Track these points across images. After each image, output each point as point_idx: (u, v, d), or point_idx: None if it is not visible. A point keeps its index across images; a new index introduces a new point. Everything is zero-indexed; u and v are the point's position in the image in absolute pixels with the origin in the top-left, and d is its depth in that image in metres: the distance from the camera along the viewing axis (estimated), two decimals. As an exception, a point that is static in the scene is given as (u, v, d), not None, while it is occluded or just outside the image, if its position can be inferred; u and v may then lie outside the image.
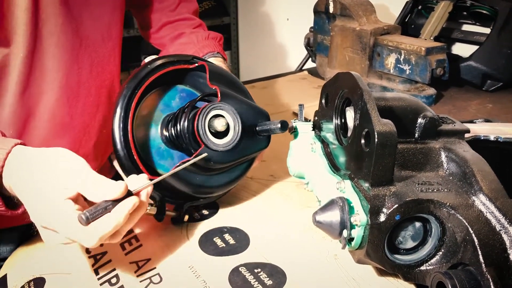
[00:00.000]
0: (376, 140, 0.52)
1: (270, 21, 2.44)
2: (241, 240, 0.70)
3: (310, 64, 1.68)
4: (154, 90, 0.75)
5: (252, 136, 0.72)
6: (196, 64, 0.74)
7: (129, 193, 0.56)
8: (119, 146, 0.67)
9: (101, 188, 0.55)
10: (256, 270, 0.64)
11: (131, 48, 1.34)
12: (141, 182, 0.57)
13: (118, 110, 0.68)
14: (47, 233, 0.57)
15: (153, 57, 0.74)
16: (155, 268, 0.66)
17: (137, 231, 0.74)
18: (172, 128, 0.73)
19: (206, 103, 0.72)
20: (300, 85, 1.45)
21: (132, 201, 0.55)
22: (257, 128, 0.72)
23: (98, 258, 0.69)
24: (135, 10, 1.01)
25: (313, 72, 1.55)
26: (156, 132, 0.75)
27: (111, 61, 0.84)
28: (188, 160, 0.65)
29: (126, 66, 0.84)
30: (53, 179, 0.56)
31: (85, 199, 0.57)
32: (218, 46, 0.95)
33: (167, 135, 0.74)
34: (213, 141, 0.69)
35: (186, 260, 0.67)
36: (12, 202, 0.62)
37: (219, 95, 0.70)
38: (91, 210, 0.53)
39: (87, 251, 0.70)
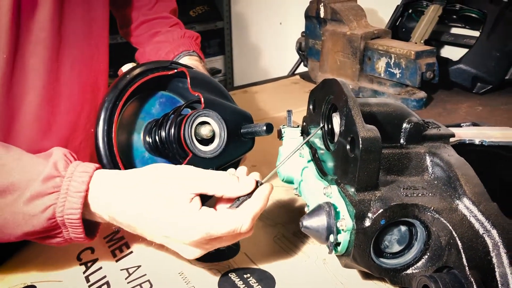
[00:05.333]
0: (360, 145, 0.53)
1: (263, 25, 2.46)
2: (230, 246, 0.70)
3: (302, 69, 1.69)
4: (134, 98, 0.75)
5: (236, 140, 0.73)
6: (176, 70, 0.75)
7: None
8: (105, 160, 0.67)
9: (236, 184, 0.59)
10: (245, 276, 0.65)
11: (126, 52, 1.35)
12: (253, 174, 0.62)
13: (101, 123, 0.68)
14: (181, 247, 0.58)
15: (130, 65, 0.74)
16: (145, 275, 0.66)
17: (128, 238, 0.74)
18: (156, 135, 0.73)
19: (188, 109, 0.72)
20: (292, 89, 1.46)
21: (269, 186, 0.60)
22: (241, 131, 0.73)
23: (89, 265, 0.69)
24: (114, 9, 1.01)
25: (305, 76, 1.56)
26: (138, 140, 0.75)
27: (95, 59, 0.84)
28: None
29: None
30: (175, 187, 0.57)
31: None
32: (194, 44, 0.95)
33: (150, 142, 0.74)
34: (200, 148, 0.69)
35: (176, 267, 0.67)
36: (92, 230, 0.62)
37: (203, 102, 0.71)
38: (234, 204, 0.59)
39: (78, 258, 0.71)
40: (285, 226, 0.75)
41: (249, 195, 0.59)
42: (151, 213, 0.56)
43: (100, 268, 0.68)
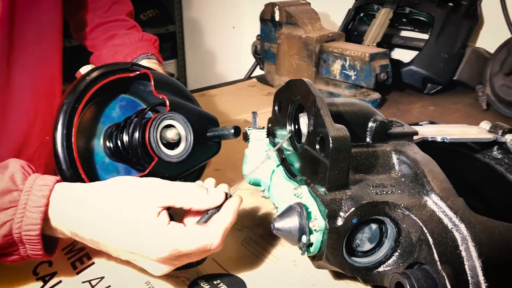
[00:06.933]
0: (330, 145, 0.53)
1: (216, 29, 2.44)
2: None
3: (258, 72, 1.69)
4: (92, 101, 0.72)
5: (203, 143, 0.71)
6: (138, 72, 0.72)
7: None
8: (64, 166, 0.64)
9: (205, 196, 0.57)
10: (215, 282, 0.63)
11: (76, 57, 1.29)
12: (222, 186, 0.60)
13: (60, 127, 0.64)
14: (148, 263, 0.56)
15: (89, 67, 0.71)
16: (109, 286, 0.63)
17: (88, 248, 0.71)
18: (118, 139, 0.70)
19: (150, 113, 0.70)
20: (250, 92, 1.46)
21: (238, 199, 0.59)
22: (208, 134, 0.71)
23: (47, 280, 0.65)
24: (68, 11, 0.97)
25: (261, 79, 1.56)
26: (98, 145, 0.72)
27: (49, 63, 0.80)
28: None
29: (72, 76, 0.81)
30: (142, 200, 0.54)
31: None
32: (152, 48, 0.93)
33: (111, 146, 0.71)
34: (166, 153, 0.67)
35: (143, 276, 0.64)
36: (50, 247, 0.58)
37: (168, 104, 0.69)
38: (203, 218, 0.57)
39: (35, 272, 0.66)
40: (252, 230, 0.74)
41: (218, 208, 0.58)
42: (116, 228, 0.54)
43: (60, 282, 0.65)
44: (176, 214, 0.58)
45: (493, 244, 0.52)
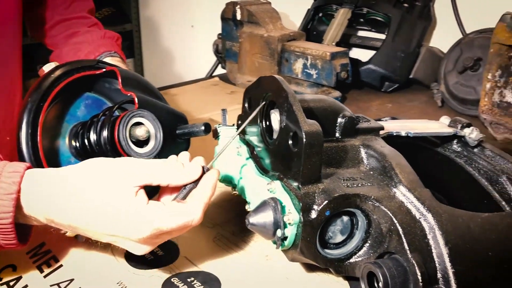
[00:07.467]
0: (304, 140, 0.54)
1: (174, 28, 2.42)
2: (169, 251, 0.68)
3: (220, 70, 1.69)
4: (56, 100, 0.70)
5: (172, 141, 0.71)
6: (104, 70, 0.71)
7: None
8: None
9: (181, 172, 0.56)
10: (189, 280, 0.63)
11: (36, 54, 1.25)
12: (197, 159, 0.59)
13: (24, 126, 0.62)
14: (129, 244, 0.55)
15: (52, 64, 0.70)
16: (80, 288, 0.62)
17: (55, 251, 0.69)
18: (85, 138, 0.69)
19: (116, 111, 0.69)
20: (213, 91, 1.45)
21: (215, 172, 0.58)
22: (177, 132, 0.71)
23: (12, 285, 0.63)
24: (26, 7, 0.94)
25: (224, 78, 1.56)
26: (64, 145, 0.70)
27: (9, 61, 0.77)
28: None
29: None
30: (118, 181, 0.53)
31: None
32: (115, 45, 0.92)
33: (77, 146, 0.69)
34: (136, 151, 0.66)
35: (114, 277, 0.63)
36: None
37: (136, 102, 0.68)
38: (181, 194, 0.56)
39: (-2, 278, 0.64)
40: (223, 227, 0.75)
41: (195, 182, 0.57)
42: (94, 211, 0.52)
43: (26, 286, 0.62)
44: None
45: (458, 231, 0.54)
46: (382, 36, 1.47)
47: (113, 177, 0.54)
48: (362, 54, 1.53)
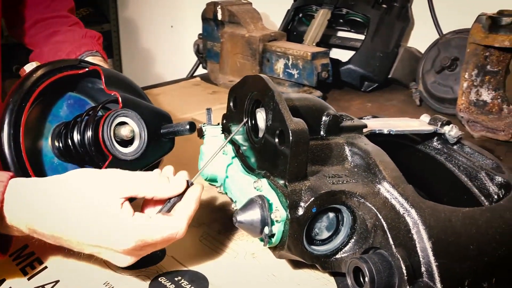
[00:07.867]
0: (290, 138, 0.55)
1: (153, 28, 2.40)
2: (156, 251, 0.68)
3: (201, 70, 1.68)
4: (38, 100, 0.69)
5: (157, 140, 0.71)
6: (87, 69, 0.70)
7: None
8: (12, 168, 0.61)
9: (166, 185, 0.56)
10: (176, 279, 0.63)
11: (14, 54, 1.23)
12: (182, 174, 0.60)
13: (6, 127, 0.62)
14: (113, 255, 0.54)
15: (34, 64, 0.69)
16: (65, 289, 0.61)
17: (39, 253, 0.68)
18: (68, 139, 0.68)
19: (99, 111, 0.68)
20: (194, 91, 1.45)
21: (199, 187, 0.59)
22: (161, 131, 0.71)
23: (-5, 288, 0.62)
24: (4, 6, 0.93)
25: (205, 78, 1.56)
26: (46, 146, 0.70)
27: None
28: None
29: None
30: (104, 192, 0.53)
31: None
32: (96, 44, 0.91)
33: (61, 146, 0.69)
34: (120, 150, 0.66)
35: (100, 278, 0.63)
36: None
37: (120, 101, 0.67)
38: (165, 207, 0.57)
39: (-19, 281, 0.63)
40: (209, 226, 0.75)
41: (180, 196, 0.58)
42: (79, 222, 0.52)
43: (10, 288, 0.62)
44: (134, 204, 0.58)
45: (440, 226, 0.56)
46: (361, 37, 1.49)
47: (99, 188, 0.54)
48: (342, 55, 1.54)
